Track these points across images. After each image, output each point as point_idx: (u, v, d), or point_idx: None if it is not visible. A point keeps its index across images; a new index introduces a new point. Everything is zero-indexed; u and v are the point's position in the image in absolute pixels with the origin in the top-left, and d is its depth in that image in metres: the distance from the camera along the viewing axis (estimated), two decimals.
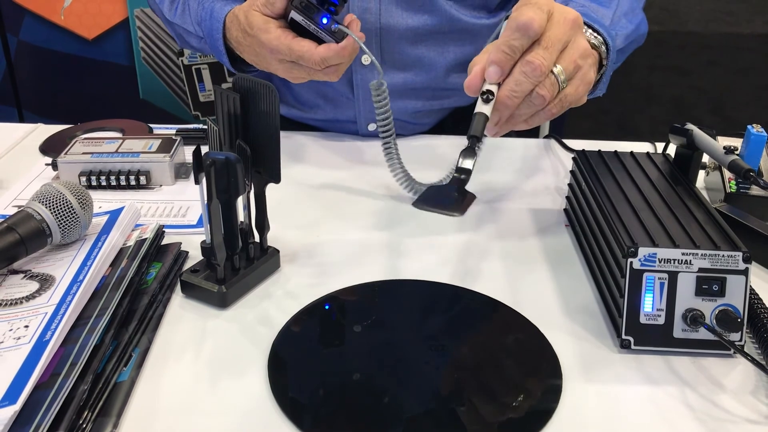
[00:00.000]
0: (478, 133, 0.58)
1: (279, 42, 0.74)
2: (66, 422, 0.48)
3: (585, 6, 0.77)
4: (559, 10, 0.60)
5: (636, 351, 0.58)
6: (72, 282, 0.59)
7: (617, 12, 0.79)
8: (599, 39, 0.70)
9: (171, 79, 1.73)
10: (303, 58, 0.74)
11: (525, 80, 0.58)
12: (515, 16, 0.58)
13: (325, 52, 0.72)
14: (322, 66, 0.74)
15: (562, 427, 0.51)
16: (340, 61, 0.74)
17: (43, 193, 0.64)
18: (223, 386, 0.55)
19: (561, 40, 0.59)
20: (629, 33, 0.80)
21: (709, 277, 0.57)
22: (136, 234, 0.68)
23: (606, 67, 0.71)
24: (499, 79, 0.59)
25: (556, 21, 0.60)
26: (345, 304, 0.64)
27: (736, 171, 0.64)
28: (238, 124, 0.62)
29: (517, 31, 0.58)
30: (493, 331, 0.62)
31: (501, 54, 0.58)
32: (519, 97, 0.59)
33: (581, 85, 0.62)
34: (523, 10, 0.58)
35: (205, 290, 0.63)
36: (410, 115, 0.98)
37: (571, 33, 0.61)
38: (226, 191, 0.60)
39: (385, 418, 0.51)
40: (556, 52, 0.59)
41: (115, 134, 0.94)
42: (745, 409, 0.53)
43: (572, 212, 0.77)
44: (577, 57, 0.61)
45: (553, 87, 0.59)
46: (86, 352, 0.53)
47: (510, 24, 0.58)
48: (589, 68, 0.63)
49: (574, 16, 0.61)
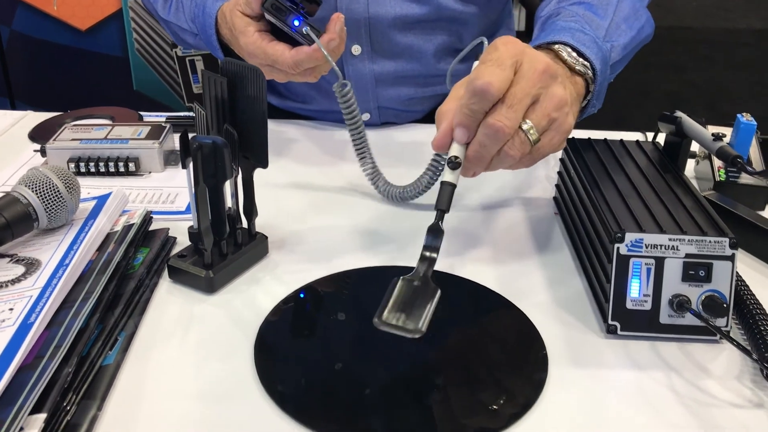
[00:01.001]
0: (445, 206, 0.56)
1: (255, 46, 0.74)
2: (49, 404, 0.48)
3: (578, 18, 0.73)
4: (529, 60, 0.57)
5: (622, 336, 0.58)
6: (58, 266, 0.59)
7: (615, 19, 0.75)
8: (585, 65, 0.67)
9: (164, 71, 1.72)
10: (277, 62, 0.73)
11: (489, 142, 0.56)
12: (473, 77, 0.55)
13: (297, 55, 0.72)
14: (295, 70, 0.73)
15: (547, 411, 0.51)
16: (314, 64, 0.72)
17: (29, 178, 0.64)
18: (209, 370, 0.55)
19: (529, 94, 0.56)
20: (628, 42, 0.76)
21: (696, 263, 0.57)
22: (123, 219, 0.67)
23: (593, 93, 0.69)
24: (467, 140, 0.57)
25: (525, 74, 0.56)
26: (331, 291, 0.64)
27: (724, 157, 0.64)
28: (225, 109, 0.62)
29: (475, 95, 0.55)
30: (479, 317, 0.62)
31: (464, 116, 0.56)
32: (487, 157, 0.57)
33: (556, 136, 0.59)
34: (482, 70, 0.55)
35: (193, 275, 0.63)
36: (403, 103, 0.98)
37: (542, 85, 0.57)
38: (213, 176, 0.60)
39: (370, 401, 0.51)
40: (522, 109, 0.56)
41: (105, 121, 0.93)
42: (731, 393, 0.53)
43: (561, 200, 0.77)
44: (550, 110, 0.57)
45: (522, 145, 0.57)
46: (71, 335, 0.53)
47: (468, 86, 0.55)
48: (565, 117, 0.59)
49: (545, 66, 0.57)
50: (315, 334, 0.59)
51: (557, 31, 0.70)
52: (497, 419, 0.50)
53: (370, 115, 0.98)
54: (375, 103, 0.97)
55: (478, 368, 0.55)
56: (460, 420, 0.50)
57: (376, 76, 0.94)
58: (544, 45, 0.69)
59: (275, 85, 1.03)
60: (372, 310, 0.57)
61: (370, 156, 0.77)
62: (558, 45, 0.68)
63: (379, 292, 0.62)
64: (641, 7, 0.81)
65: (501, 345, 0.58)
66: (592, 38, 0.70)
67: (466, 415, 0.50)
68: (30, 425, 0.46)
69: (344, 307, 0.62)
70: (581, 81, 0.68)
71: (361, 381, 0.53)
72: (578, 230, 0.69)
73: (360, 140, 0.75)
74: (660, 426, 0.50)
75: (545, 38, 0.70)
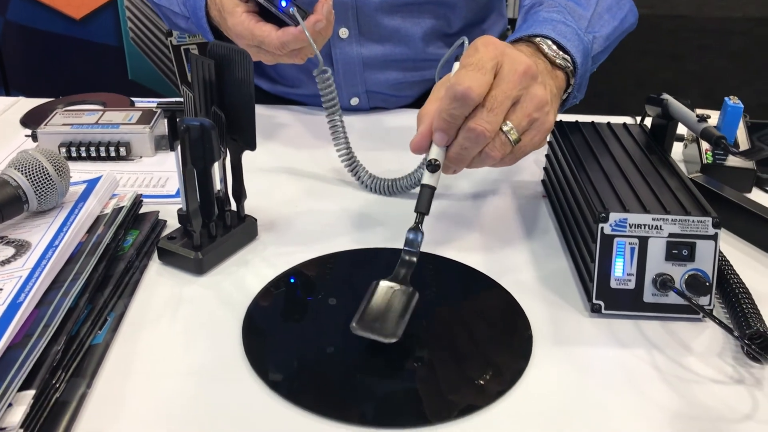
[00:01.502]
0: (424, 208, 0.57)
1: (242, 27, 0.74)
2: (38, 381, 0.48)
3: (561, 8, 0.73)
4: (509, 62, 0.57)
5: (606, 315, 0.59)
6: (48, 247, 0.59)
7: (598, 9, 0.75)
8: (566, 59, 0.68)
9: (159, 60, 1.72)
10: (264, 43, 0.73)
11: (470, 145, 0.57)
12: (453, 82, 0.55)
13: (283, 36, 0.72)
14: (282, 51, 0.73)
15: (531, 388, 0.52)
16: (300, 45, 0.72)
17: (19, 160, 0.64)
18: (197, 350, 0.55)
19: (510, 97, 0.56)
20: (610, 32, 0.76)
21: (679, 242, 0.58)
22: (113, 202, 0.68)
23: (573, 86, 0.70)
24: (446, 143, 0.58)
25: (505, 76, 0.56)
26: (320, 273, 0.65)
27: (708, 138, 0.65)
28: (213, 91, 0.63)
29: (455, 100, 0.55)
30: (466, 297, 0.63)
31: (443, 121, 0.57)
32: (467, 158, 0.58)
33: (537, 135, 0.60)
34: (462, 75, 0.55)
35: (182, 257, 0.63)
36: (391, 87, 0.98)
37: (523, 86, 0.57)
38: (202, 157, 0.61)
39: (356, 380, 0.52)
40: (503, 112, 0.56)
41: (96, 107, 0.94)
42: (711, 370, 0.54)
43: (549, 183, 0.78)
44: (531, 110, 0.58)
45: (503, 146, 0.57)
46: (60, 315, 0.53)
47: (448, 90, 0.55)
48: (546, 116, 0.59)
49: (525, 67, 0.57)
50: (303, 315, 0.60)
51: (539, 23, 0.70)
52: (483, 396, 0.51)
53: (359, 100, 0.98)
54: (363, 87, 0.97)
55: (464, 346, 0.55)
56: (447, 396, 0.51)
57: (363, 59, 0.94)
58: (526, 37, 0.69)
59: (266, 70, 1.04)
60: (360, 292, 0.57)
61: (346, 143, 0.76)
62: (539, 38, 0.69)
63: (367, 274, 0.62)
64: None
65: (487, 324, 0.58)
66: (573, 30, 0.70)
67: (452, 391, 0.51)
68: (19, 401, 0.47)
69: (332, 289, 0.63)
70: (562, 75, 0.68)
71: (348, 360, 0.54)
72: (564, 211, 0.70)
73: (335, 128, 0.75)
74: (642, 402, 0.51)
75: (527, 30, 0.70)
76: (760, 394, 0.52)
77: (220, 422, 0.49)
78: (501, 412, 0.50)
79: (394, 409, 0.50)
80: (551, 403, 0.51)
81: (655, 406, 0.51)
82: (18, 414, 0.46)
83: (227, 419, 0.49)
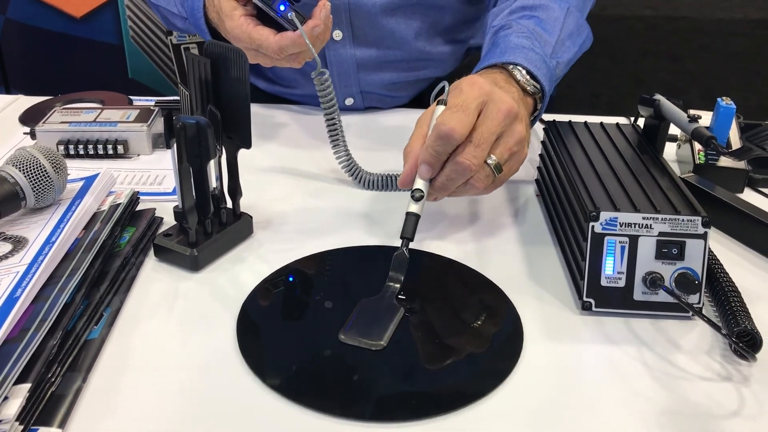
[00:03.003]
0: (409, 234, 0.61)
1: (240, 30, 0.74)
2: (34, 374, 0.49)
3: (529, 34, 0.76)
4: (495, 101, 0.62)
5: (597, 313, 0.60)
6: (44, 243, 0.60)
7: (561, 35, 0.79)
8: (537, 87, 0.72)
9: (159, 58, 1.73)
10: (262, 47, 0.74)
11: (456, 176, 0.61)
12: (438, 122, 0.60)
13: (281, 40, 0.72)
14: (280, 55, 0.74)
15: (521, 384, 0.53)
16: (298, 50, 0.73)
17: (17, 157, 0.65)
18: (192, 346, 0.56)
19: (494, 133, 0.61)
20: (571, 58, 0.81)
21: (669, 241, 0.58)
22: (110, 199, 0.69)
23: (539, 111, 0.74)
24: (431, 176, 0.62)
25: (490, 114, 0.61)
26: (315, 270, 0.65)
27: (699, 138, 0.65)
28: (209, 90, 0.63)
29: (440, 139, 0.60)
30: (456, 293, 0.63)
31: (429, 156, 0.61)
32: (452, 187, 0.62)
33: (515, 164, 0.65)
34: (448, 116, 0.60)
35: (178, 253, 0.64)
36: (386, 88, 0.98)
37: (505, 124, 0.62)
38: (198, 155, 0.61)
39: (348, 376, 0.53)
40: (487, 148, 0.61)
41: (94, 105, 0.94)
42: (700, 367, 0.55)
43: (542, 181, 0.78)
44: (512, 145, 0.63)
45: (487, 178, 0.62)
46: (56, 310, 0.54)
47: (434, 130, 0.60)
48: (522, 149, 0.65)
49: (508, 107, 0.62)
50: (297, 312, 0.60)
51: (511, 50, 0.73)
52: (474, 390, 0.51)
53: (353, 100, 0.99)
54: (358, 88, 0.98)
55: (455, 342, 0.56)
56: (437, 391, 0.51)
57: (357, 61, 0.95)
58: (499, 64, 0.73)
59: (263, 70, 1.04)
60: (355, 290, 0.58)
61: (344, 145, 0.77)
62: (511, 65, 0.72)
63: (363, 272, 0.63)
64: (583, 23, 0.84)
65: (477, 320, 0.59)
66: (541, 57, 0.73)
67: (443, 386, 0.52)
68: (15, 394, 0.47)
69: (327, 286, 0.63)
70: (531, 101, 0.72)
71: (341, 358, 0.54)
72: (556, 209, 0.70)
73: (334, 129, 0.76)
74: (631, 399, 0.52)
75: (500, 57, 0.73)
76: (747, 391, 0.53)
77: (214, 417, 0.49)
78: (491, 408, 0.50)
79: (385, 404, 0.50)
80: (542, 399, 0.51)
81: (644, 403, 0.51)
82: (14, 407, 0.46)
83: (221, 414, 0.49)
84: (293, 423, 0.49)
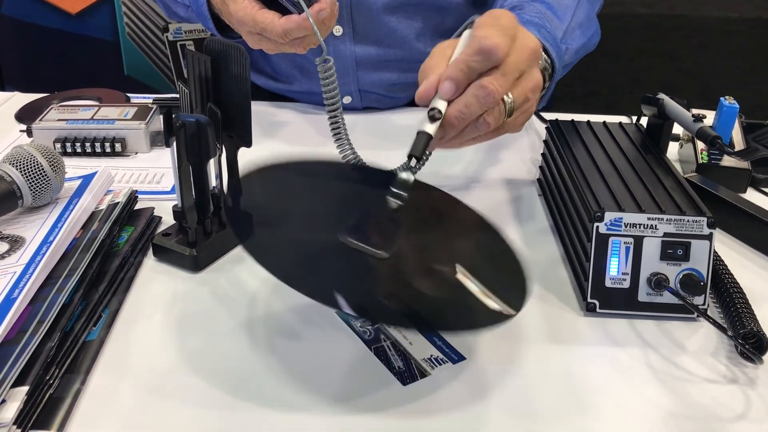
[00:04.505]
0: (419, 152, 0.55)
1: (244, 13, 0.73)
2: (32, 377, 0.48)
3: (541, 15, 0.74)
4: (522, 37, 0.58)
5: (601, 314, 0.59)
6: (42, 243, 0.59)
7: (572, 23, 0.77)
8: (548, 62, 0.68)
9: (155, 55, 1.72)
10: (266, 30, 0.72)
11: (475, 104, 0.56)
12: (481, 36, 0.55)
13: (286, 23, 0.70)
14: (285, 39, 0.72)
15: (525, 386, 0.52)
16: (303, 34, 0.71)
17: (14, 156, 0.64)
18: (192, 347, 0.55)
19: (519, 68, 0.57)
20: (579, 47, 0.78)
21: (674, 242, 0.58)
22: (108, 198, 0.68)
23: (546, 89, 0.70)
24: (453, 96, 0.56)
25: (518, 47, 0.57)
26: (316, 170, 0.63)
27: (703, 137, 0.65)
28: (209, 88, 0.62)
29: (480, 53, 0.55)
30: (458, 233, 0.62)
31: (458, 71, 0.56)
32: (466, 120, 0.57)
33: (522, 117, 0.61)
34: (490, 33, 0.56)
35: (177, 253, 0.63)
36: (385, 88, 0.98)
37: (529, 63, 0.58)
38: (197, 154, 0.60)
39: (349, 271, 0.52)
40: (511, 80, 0.57)
41: (91, 102, 0.94)
42: (705, 369, 0.54)
43: (544, 181, 0.78)
44: (528, 90, 0.59)
45: (500, 116, 0.58)
46: (54, 311, 0.53)
47: (473, 43, 0.55)
48: (535, 101, 0.61)
49: (535, 46, 0.58)
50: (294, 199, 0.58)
51: (524, 24, 0.71)
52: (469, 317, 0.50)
53: (351, 98, 0.98)
54: (356, 86, 0.97)
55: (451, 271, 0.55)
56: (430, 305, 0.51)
57: (357, 58, 0.94)
58: None
59: (261, 66, 1.04)
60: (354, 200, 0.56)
61: (346, 137, 0.76)
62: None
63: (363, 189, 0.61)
64: (593, 16, 0.83)
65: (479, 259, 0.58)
66: (552, 36, 0.71)
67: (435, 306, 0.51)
68: (12, 397, 0.47)
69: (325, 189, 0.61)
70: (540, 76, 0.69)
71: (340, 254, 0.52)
72: (560, 210, 0.70)
73: (335, 121, 0.75)
74: (636, 401, 0.51)
75: None
76: (754, 393, 0.52)
77: (214, 418, 0.49)
78: (495, 410, 0.50)
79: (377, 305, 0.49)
80: (545, 401, 0.51)
81: (649, 405, 0.51)
82: (11, 410, 0.46)
83: (222, 414, 0.49)
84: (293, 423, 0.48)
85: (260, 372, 0.53)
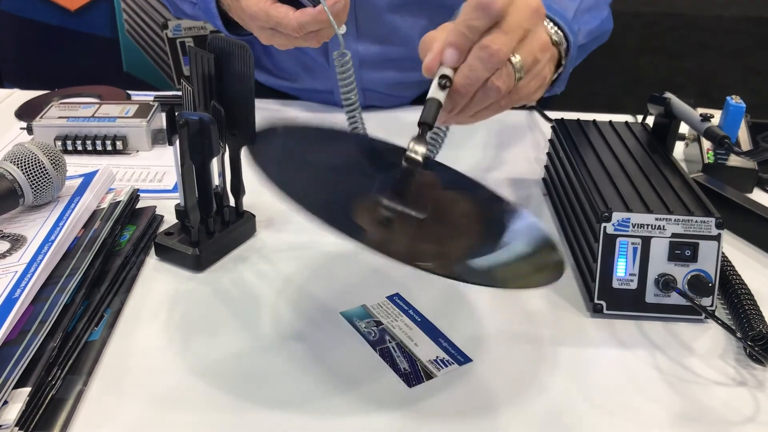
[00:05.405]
0: (430, 120, 0.53)
1: (257, 8, 0.72)
2: (34, 378, 0.48)
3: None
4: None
5: (608, 316, 0.59)
6: (43, 242, 0.59)
7: (581, 6, 0.75)
8: (560, 35, 0.66)
9: (155, 52, 1.71)
10: (281, 24, 0.71)
11: (480, 66, 0.54)
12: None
13: (301, 17, 0.70)
14: (300, 32, 0.71)
15: (531, 388, 0.52)
16: (319, 27, 0.70)
17: (15, 154, 0.63)
18: (195, 347, 0.55)
19: (522, 26, 0.55)
20: (593, 29, 0.76)
21: (682, 243, 0.57)
22: (110, 197, 0.67)
23: (565, 66, 0.67)
24: (457, 63, 0.54)
25: (519, 6, 0.55)
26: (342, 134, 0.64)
27: (712, 137, 0.64)
28: (212, 85, 0.62)
29: (477, 9, 0.52)
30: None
31: (458, 35, 0.53)
32: (474, 86, 0.55)
33: (534, 81, 0.58)
34: None
35: (180, 253, 0.62)
36: (388, 87, 0.97)
37: (533, 22, 0.56)
38: (200, 152, 0.60)
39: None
40: (515, 39, 0.54)
41: (92, 99, 0.93)
42: (713, 371, 0.54)
43: (550, 181, 0.77)
44: (536, 50, 0.56)
45: (509, 78, 0.55)
46: (56, 311, 0.53)
47: (470, 2, 0.53)
48: (546, 63, 0.58)
49: (537, 5, 0.56)
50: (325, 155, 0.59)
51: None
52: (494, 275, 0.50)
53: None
54: (359, 85, 0.96)
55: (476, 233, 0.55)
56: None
57: (360, 57, 0.94)
58: None
59: (263, 63, 1.03)
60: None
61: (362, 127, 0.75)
62: None
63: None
64: (603, 2, 0.81)
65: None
66: (562, 14, 0.69)
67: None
68: (15, 399, 0.46)
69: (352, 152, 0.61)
70: (556, 51, 0.65)
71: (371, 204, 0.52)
72: (566, 210, 0.69)
73: (353, 109, 0.74)
74: (644, 403, 0.51)
75: None
76: (762, 396, 0.52)
77: (218, 419, 0.48)
78: (502, 412, 0.49)
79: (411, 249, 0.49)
80: (551, 404, 0.50)
81: (657, 408, 0.50)
82: (13, 412, 0.45)
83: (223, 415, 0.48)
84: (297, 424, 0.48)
85: (264, 373, 0.52)
